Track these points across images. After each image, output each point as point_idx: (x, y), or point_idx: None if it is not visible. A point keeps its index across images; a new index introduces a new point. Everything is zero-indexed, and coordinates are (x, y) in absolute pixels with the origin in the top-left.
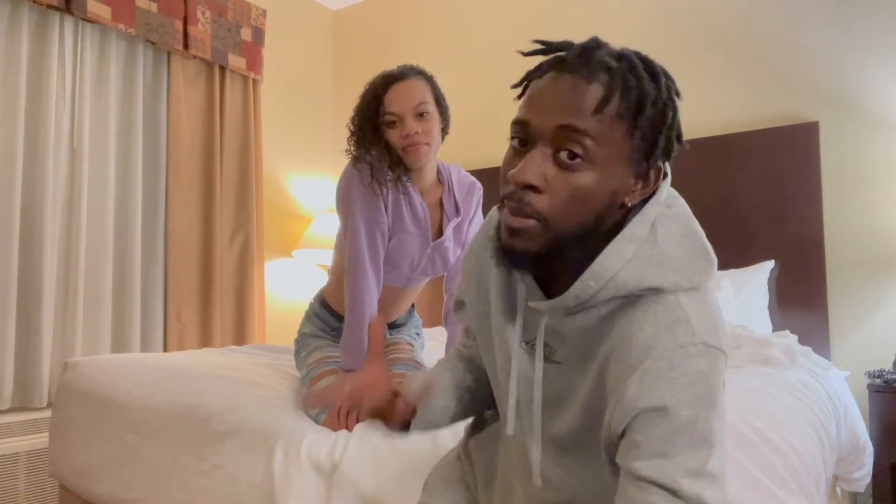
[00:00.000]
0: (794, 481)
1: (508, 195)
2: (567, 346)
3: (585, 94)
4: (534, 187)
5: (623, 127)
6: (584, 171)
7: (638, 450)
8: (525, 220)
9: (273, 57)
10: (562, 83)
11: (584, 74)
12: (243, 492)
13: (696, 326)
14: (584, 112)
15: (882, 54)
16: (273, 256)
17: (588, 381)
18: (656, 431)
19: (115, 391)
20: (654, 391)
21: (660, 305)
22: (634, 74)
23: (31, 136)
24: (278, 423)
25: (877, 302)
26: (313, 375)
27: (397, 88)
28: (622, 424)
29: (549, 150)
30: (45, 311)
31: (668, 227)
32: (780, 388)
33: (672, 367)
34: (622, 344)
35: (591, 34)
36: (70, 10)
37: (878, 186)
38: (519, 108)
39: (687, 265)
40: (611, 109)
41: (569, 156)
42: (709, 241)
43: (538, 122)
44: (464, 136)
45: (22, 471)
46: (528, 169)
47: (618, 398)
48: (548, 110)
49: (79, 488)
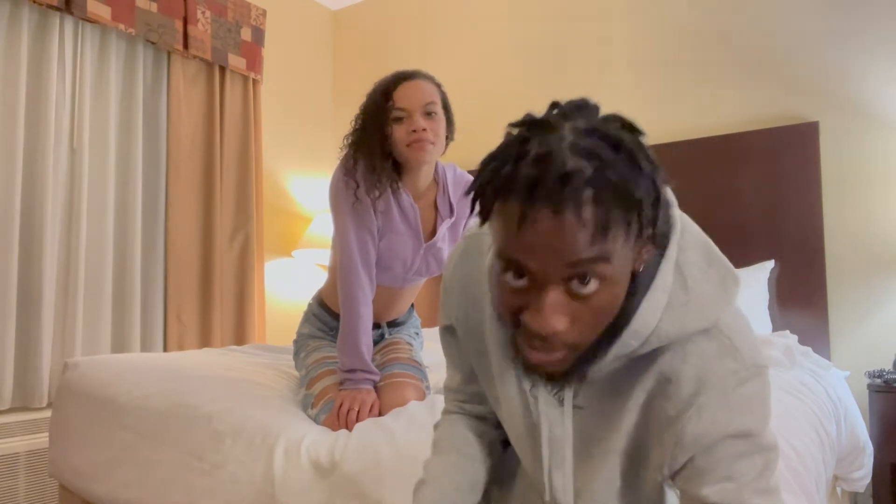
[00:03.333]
0: (794, 481)
1: (527, 336)
2: (592, 390)
3: (581, 226)
4: (561, 331)
5: (624, 231)
6: (602, 289)
7: (702, 477)
8: (553, 355)
9: (273, 57)
10: (547, 222)
11: (571, 202)
12: (244, 491)
13: (743, 351)
14: (589, 243)
15: (882, 54)
16: (273, 256)
17: (623, 425)
18: (720, 456)
19: (115, 391)
20: (715, 425)
21: (701, 335)
22: (620, 180)
23: (31, 136)
24: (278, 422)
25: (877, 302)
26: (312, 376)
27: (408, 86)
28: (684, 458)
29: (562, 287)
30: (45, 311)
31: (691, 261)
32: (780, 388)
33: (728, 396)
34: (669, 381)
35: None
36: (70, 10)
37: (878, 186)
38: (500, 241)
39: (721, 297)
40: (614, 224)
41: (581, 282)
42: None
43: (542, 268)
44: (464, 136)
45: (22, 471)
46: (550, 316)
47: (676, 436)
48: (547, 254)
49: (79, 488)
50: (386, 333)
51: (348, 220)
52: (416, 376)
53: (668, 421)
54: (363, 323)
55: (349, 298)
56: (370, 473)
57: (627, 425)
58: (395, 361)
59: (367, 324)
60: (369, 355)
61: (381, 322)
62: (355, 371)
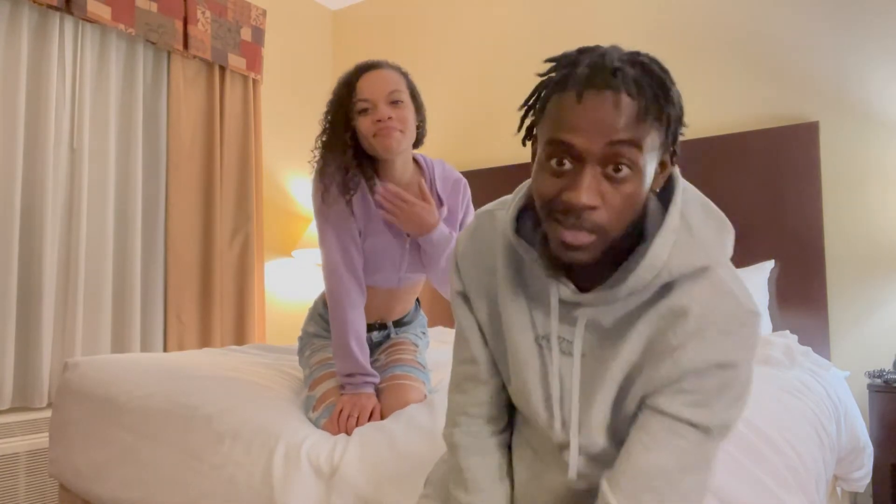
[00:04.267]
0: (793, 481)
1: (562, 214)
2: (595, 335)
3: (624, 108)
4: (593, 207)
5: (658, 128)
6: (632, 180)
7: (684, 396)
8: (587, 235)
9: (273, 57)
10: (599, 102)
11: (616, 89)
12: (242, 493)
13: (740, 298)
14: (628, 125)
15: (882, 54)
16: (273, 256)
17: (624, 361)
18: (707, 384)
19: (115, 391)
20: (711, 354)
21: (705, 281)
22: (656, 78)
23: (31, 136)
24: (278, 424)
25: (877, 302)
26: (315, 377)
27: (370, 76)
28: (672, 377)
29: (598, 168)
30: (45, 311)
31: (693, 211)
32: (779, 387)
33: (729, 333)
34: (676, 316)
35: (591, 34)
36: (70, 10)
37: (878, 186)
38: (550, 129)
39: (718, 242)
40: (651, 116)
41: (615, 169)
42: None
43: (585, 143)
44: (464, 136)
45: (22, 471)
46: (587, 190)
47: (674, 361)
48: (593, 130)
49: (79, 488)
50: (392, 333)
51: (327, 225)
52: (419, 378)
53: (669, 350)
54: (352, 327)
55: (335, 304)
56: (369, 477)
57: (628, 361)
58: (398, 363)
59: (358, 327)
60: (365, 358)
61: (387, 322)
62: (354, 375)
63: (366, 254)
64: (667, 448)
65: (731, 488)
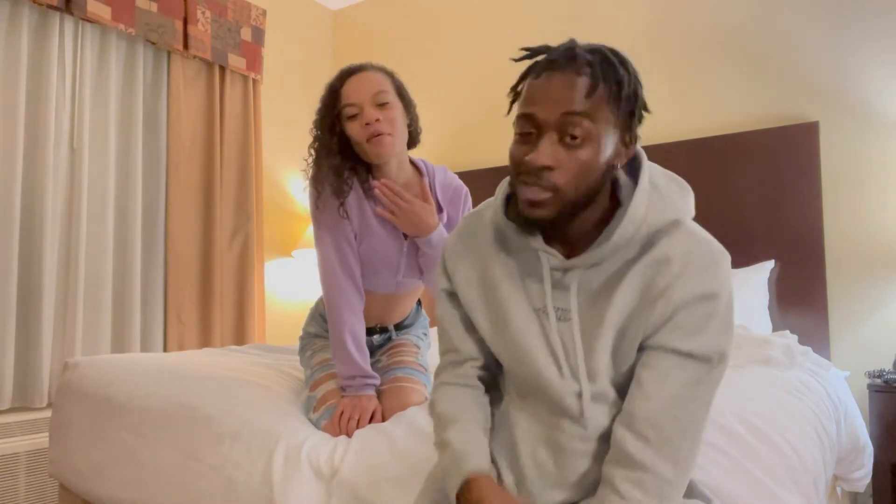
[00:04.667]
0: (792, 480)
1: (525, 175)
2: (587, 296)
3: (577, 85)
4: (549, 167)
5: (609, 106)
6: (586, 148)
7: (681, 329)
8: (543, 192)
9: (273, 57)
10: (556, 80)
11: (573, 70)
12: (242, 494)
13: (711, 242)
14: (579, 99)
15: (882, 54)
16: (273, 256)
17: (618, 309)
18: (696, 315)
19: (114, 391)
20: (697, 287)
21: (679, 232)
22: (610, 64)
23: (31, 136)
24: (278, 425)
25: (877, 302)
26: (316, 378)
27: (354, 79)
28: (665, 315)
29: (555, 135)
30: (45, 311)
31: (658, 176)
32: (779, 387)
33: (707, 269)
34: (661, 263)
35: (590, 34)
36: (70, 10)
37: (878, 186)
38: (521, 105)
39: (682, 198)
40: (599, 93)
41: (571, 138)
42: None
43: (543, 113)
44: (463, 136)
45: (22, 471)
46: (542, 153)
47: (666, 299)
48: (550, 103)
49: (79, 488)
50: (394, 335)
51: (323, 229)
52: (420, 381)
53: (659, 293)
54: (350, 330)
55: (332, 307)
56: (370, 479)
57: (621, 311)
58: (399, 365)
59: (356, 331)
60: (365, 361)
61: (388, 325)
62: (354, 378)
63: (362, 256)
64: (672, 379)
65: (731, 488)
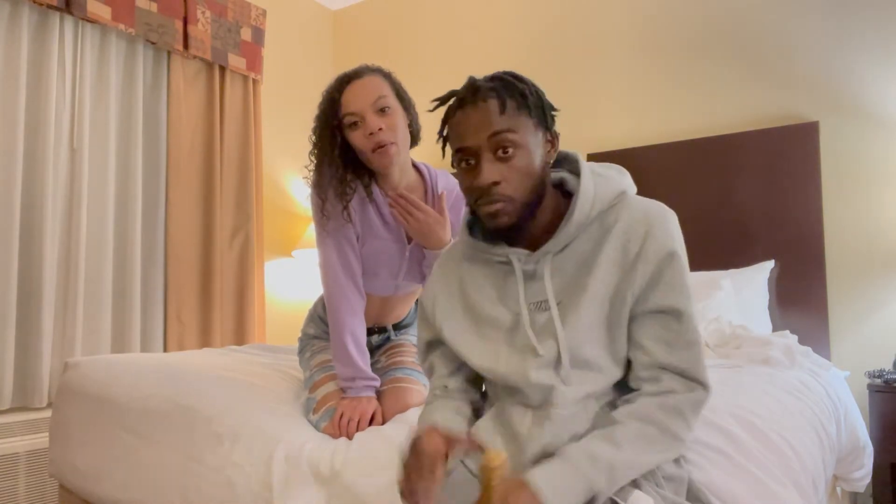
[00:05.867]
0: (792, 481)
1: (480, 195)
2: (563, 279)
3: (490, 108)
4: (495, 182)
5: (522, 115)
6: (518, 155)
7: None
8: (498, 204)
9: (273, 57)
10: (472, 112)
11: (481, 99)
12: (241, 495)
13: (659, 205)
14: (497, 119)
15: (882, 54)
16: (273, 256)
17: (599, 282)
18: (672, 269)
19: (115, 391)
20: (664, 240)
21: (629, 201)
22: (508, 83)
23: (31, 136)
24: (278, 427)
25: (877, 302)
26: (316, 380)
27: (353, 87)
28: (647, 272)
29: (490, 154)
30: (45, 311)
31: (595, 167)
32: (779, 387)
33: (665, 224)
34: (627, 233)
35: (589, 35)
36: (70, 10)
37: (878, 186)
38: (452, 143)
39: (621, 175)
40: (510, 108)
41: (504, 151)
42: (708, 241)
43: (473, 141)
44: None
45: (22, 471)
46: (486, 173)
47: (642, 259)
48: (475, 131)
49: (79, 488)
50: (392, 336)
51: (325, 232)
52: (419, 381)
53: (635, 255)
54: (350, 332)
55: (333, 309)
56: (369, 481)
57: (605, 281)
58: (399, 365)
59: (357, 333)
60: (365, 362)
61: (387, 325)
62: (354, 379)
63: (363, 258)
64: (666, 333)
65: (731, 488)
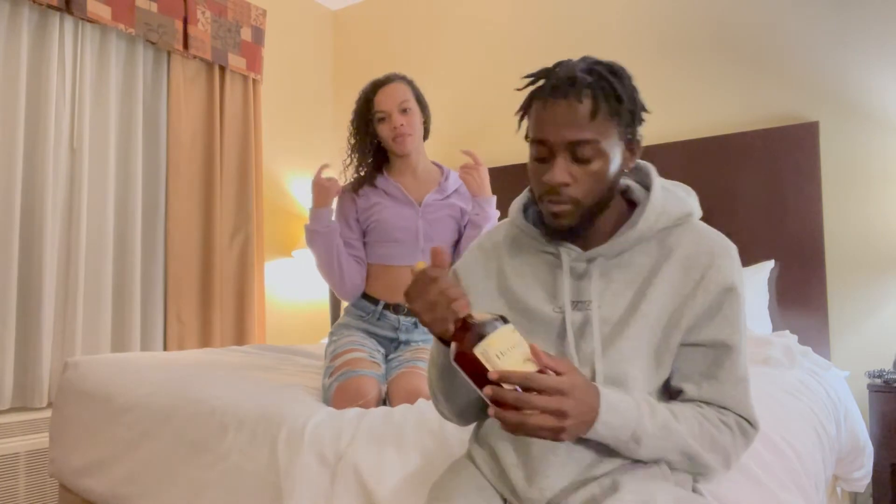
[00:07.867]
0: (792, 481)
1: (547, 192)
2: (612, 288)
3: (581, 111)
4: (566, 184)
5: (612, 121)
6: (596, 161)
7: (729, 325)
8: (564, 205)
9: (273, 57)
10: (561, 106)
11: (574, 96)
12: (248, 480)
13: (722, 237)
14: (584, 124)
15: (882, 54)
16: (273, 256)
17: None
18: (730, 301)
19: (115, 390)
20: (728, 275)
21: (694, 227)
22: (606, 81)
23: (31, 136)
24: (281, 410)
25: (877, 302)
26: (339, 352)
27: (384, 91)
28: (707, 301)
29: (567, 155)
30: (45, 311)
31: (665, 182)
32: (779, 388)
33: (729, 257)
34: (689, 259)
35: (590, 35)
36: (70, 10)
37: (878, 186)
38: (532, 128)
39: (690, 197)
40: (602, 114)
41: (582, 156)
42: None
43: (553, 140)
44: (464, 136)
45: (22, 471)
46: (558, 172)
47: (704, 289)
48: (558, 129)
49: (79, 488)
50: (411, 339)
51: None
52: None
53: (696, 283)
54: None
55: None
56: (374, 467)
57: (662, 306)
58: (420, 358)
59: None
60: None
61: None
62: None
63: (379, 228)
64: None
65: (731, 489)
